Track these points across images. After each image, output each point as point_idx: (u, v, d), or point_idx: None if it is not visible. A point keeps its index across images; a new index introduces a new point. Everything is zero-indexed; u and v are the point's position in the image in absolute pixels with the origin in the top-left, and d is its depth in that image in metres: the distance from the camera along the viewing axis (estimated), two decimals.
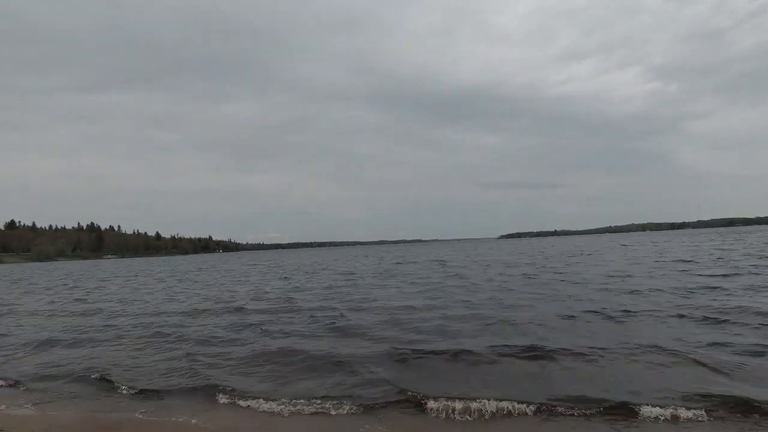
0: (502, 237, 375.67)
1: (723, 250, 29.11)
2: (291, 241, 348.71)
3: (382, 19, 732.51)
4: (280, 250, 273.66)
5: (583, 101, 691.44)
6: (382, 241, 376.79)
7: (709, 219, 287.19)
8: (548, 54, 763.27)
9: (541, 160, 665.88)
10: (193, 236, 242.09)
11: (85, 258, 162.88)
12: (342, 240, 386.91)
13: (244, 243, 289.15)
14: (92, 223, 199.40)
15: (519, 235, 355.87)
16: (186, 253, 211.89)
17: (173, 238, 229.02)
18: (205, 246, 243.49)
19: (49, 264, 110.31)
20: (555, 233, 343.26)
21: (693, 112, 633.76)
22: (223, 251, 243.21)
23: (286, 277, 24.05)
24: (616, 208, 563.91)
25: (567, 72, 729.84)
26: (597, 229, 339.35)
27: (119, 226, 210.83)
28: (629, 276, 16.00)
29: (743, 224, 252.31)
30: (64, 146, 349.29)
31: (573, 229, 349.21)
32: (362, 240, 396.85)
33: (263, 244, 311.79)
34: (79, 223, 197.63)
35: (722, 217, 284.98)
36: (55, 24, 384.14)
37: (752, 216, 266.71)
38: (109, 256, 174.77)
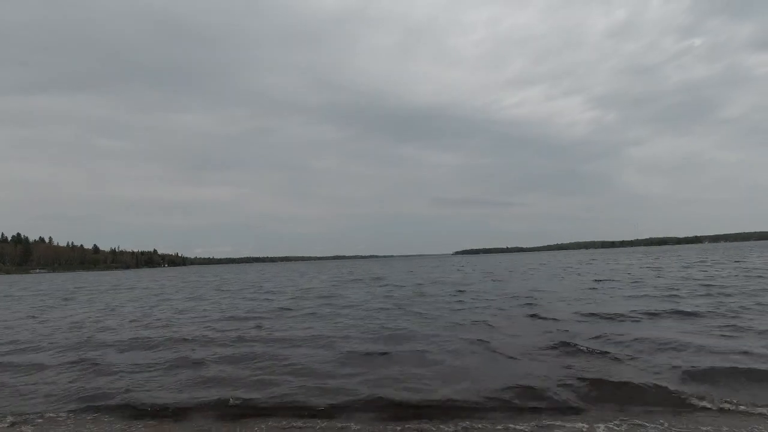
0: (457, 253, 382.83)
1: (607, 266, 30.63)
2: (244, 255, 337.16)
3: (342, 36, 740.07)
4: (230, 264, 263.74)
5: (533, 125, 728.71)
6: (338, 256, 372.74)
7: (645, 238, 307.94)
8: (501, 78, 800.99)
9: (495, 179, 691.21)
10: (136, 249, 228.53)
11: (8, 272, 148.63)
12: (298, 255, 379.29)
13: (192, 257, 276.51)
14: (18, 234, 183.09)
15: (474, 252, 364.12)
16: (127, 267, 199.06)
17: (113, 251, 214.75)
18: (148, 260, 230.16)
19: None
20: (506, 250, 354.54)
21: (629, 139, 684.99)
22: (168, 266, 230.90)
23: (191, 298, 22.27)
24: (563, 227, 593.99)
25: (519, 96, 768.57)
26: (545, 247, 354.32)
27: (50, 238, 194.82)
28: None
29: (675, 243, 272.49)
30: None
31: (524, 246, 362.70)
32: (319, 255, 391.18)
33: (213, 258, 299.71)
34: (2, 234, 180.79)
35: (657, 236, 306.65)
36: None
37: (682, 236, 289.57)
38: (38, 271, 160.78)
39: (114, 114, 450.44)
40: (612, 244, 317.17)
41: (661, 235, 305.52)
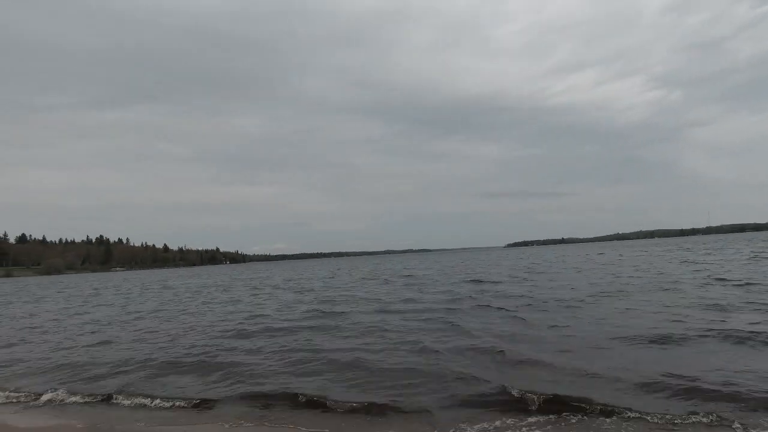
0: (509, 245, 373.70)
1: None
2: (296, 252, 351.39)
3: (382, 36, 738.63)
4: (287, 260, 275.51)
5: (583, 111, 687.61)
6: (389, 250, 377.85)
7: (719, 225, 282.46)
8: (547, 66, 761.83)
9: (543, 169, 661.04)
10: (200, 248, 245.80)
11: (94, 271, 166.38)
12: (350, 250, 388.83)
13: (251, 254, 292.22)
14: (101, 236, 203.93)
15: (525, 244, 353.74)
16: (193, 264, 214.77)
17: (180, 250, 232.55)
18: (212, 258, 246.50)
19: (63, 277, 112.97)
20: (562, 241, 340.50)
21: (695, 120, 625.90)
22: (230, 262, 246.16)
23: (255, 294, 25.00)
24: (623, 215, 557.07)
25: (566, 83, 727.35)
26: (603, 237, 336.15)
27: (127, 239, 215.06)
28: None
29: (753, 230, 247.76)
30: (72, 161, 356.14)
31: (578, 237, 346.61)
32: (369, 250, 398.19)
33: (270, 255, 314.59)
34: (87, 236, 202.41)
35: (733, 222, 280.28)
36: (59, 41, 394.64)
37: (763, 221, 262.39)
38: (118, 269, 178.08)
39: (173, 121, 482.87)
40: (681, 233, 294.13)
41: (738, 222, 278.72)
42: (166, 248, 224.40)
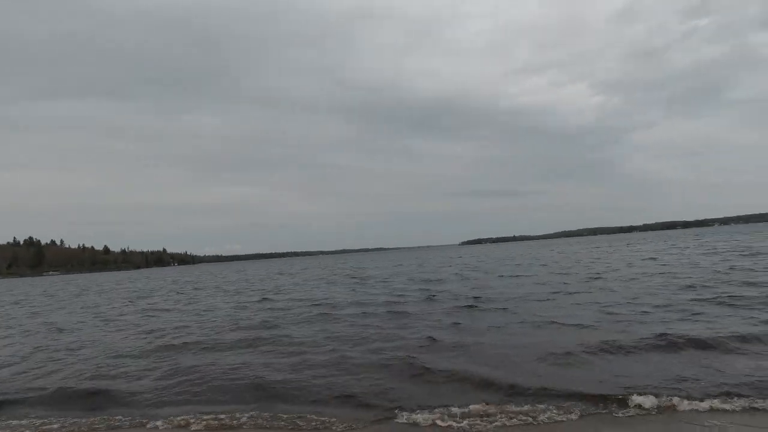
0: (464, 243, 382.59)
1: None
2: (252, 253, 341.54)
3: (348, 36, 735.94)
4: (242, 261, 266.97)
5: (540, 113, 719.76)
6: (345, 250, 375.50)
7: (654, 222, 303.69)
8: (505, 68, 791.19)
9: (504, 169, 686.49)
10: (146, 249, 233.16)
11: (22, 275, 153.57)
12: (305, 250, 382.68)
13: (202, 255, 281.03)
14: (31, 238, 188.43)
15: (479, 241, 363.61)
16: (138, 267, 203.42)
17: (123, 252, 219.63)
18: (158, 259, 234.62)
19: None
20: (514, 238, 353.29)
21: (638, 124, 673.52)
22: (178, 264, 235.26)
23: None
24: (571, 214, 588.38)
25: (524, 85, 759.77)
26: (552, 234, 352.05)
27: (62, 240, 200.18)
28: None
29: (683, 227, 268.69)
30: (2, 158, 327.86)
31: (531, 234, 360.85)
32: (327, 249, 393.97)
33: (221, 256, 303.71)
34: (15, 238, 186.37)
35: (665, 220, 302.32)
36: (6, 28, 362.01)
37: (691, 219, 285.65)
38: (51, 273, 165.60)
39: (127, 118, 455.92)
40: (621, 230, 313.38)
41: (667, 219, 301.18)
42: (106, 250, 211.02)
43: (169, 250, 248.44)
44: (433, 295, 14.52)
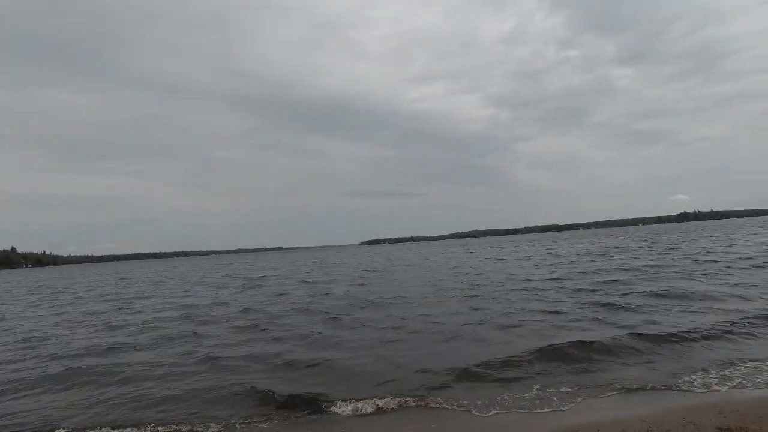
0: (363, 243, 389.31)
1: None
2: (131, 252, 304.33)
3: (247, 23, 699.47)
4: (119, 262, 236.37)
5: (435, 119, 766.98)
6: (241, 249, 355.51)
7: (534, 225, 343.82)
8: (405, 74, 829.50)
9: (401, 170, 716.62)
10: None
11: None
12: (197, 249, 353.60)
13: (66, 255, 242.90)
14: None
15: (378, 242, 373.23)
16: None
17: None
18: (5, 260, 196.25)
19: None
20: (411, 239, 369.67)
21: (519, 136, 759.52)
22: (33, 265, 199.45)
23: None
24: (463, 216, 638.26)
25: (421, 91, 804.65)
26: (447, 235, 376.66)
27: None
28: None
29: (555, 230, 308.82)
30: None
31: (428, 235, 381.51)
32: (220, 249, 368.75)
33: (91, 256, 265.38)
34: None
35: (543, 224, 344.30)
36: None
37: (562, 223, 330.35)
38: None
39: None
40: (507, 232, 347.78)
41: (546, 223, 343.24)
42: None
43: (20, 249, 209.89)
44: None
